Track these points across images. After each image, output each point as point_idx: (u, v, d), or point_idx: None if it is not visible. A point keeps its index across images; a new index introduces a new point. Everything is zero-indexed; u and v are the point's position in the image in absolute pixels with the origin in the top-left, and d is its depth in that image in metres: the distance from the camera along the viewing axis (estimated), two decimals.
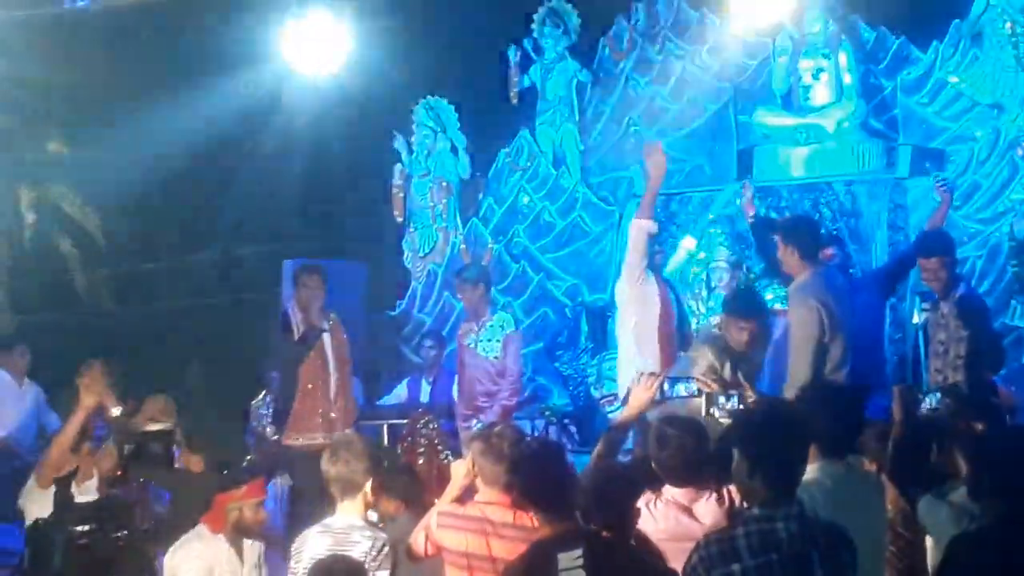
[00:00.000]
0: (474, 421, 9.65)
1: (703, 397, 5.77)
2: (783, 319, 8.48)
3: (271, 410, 10.88)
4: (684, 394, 5.88)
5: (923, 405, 5.93)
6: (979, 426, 5.34)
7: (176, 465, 7.38)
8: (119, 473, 6.03)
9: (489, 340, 9.86)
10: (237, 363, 12.45)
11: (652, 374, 6.03)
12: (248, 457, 10.46)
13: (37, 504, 6.77)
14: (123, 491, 6.64)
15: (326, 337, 9.44)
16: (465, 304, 10.20)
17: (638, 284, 8.61)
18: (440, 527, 5.50)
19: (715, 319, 9.57)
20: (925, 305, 10.11)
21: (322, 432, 9.23)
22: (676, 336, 8.84)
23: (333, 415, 9.40)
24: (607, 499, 4.84)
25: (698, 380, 5.91)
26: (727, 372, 7.60)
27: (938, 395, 6.05)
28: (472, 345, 9.89)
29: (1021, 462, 4.33)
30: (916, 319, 10.07)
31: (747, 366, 7.70)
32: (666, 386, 5.81)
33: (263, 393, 10.95)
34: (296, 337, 9.40)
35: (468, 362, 9.92)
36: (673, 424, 5.58)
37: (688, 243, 11.19)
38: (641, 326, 8.62)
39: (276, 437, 10.69)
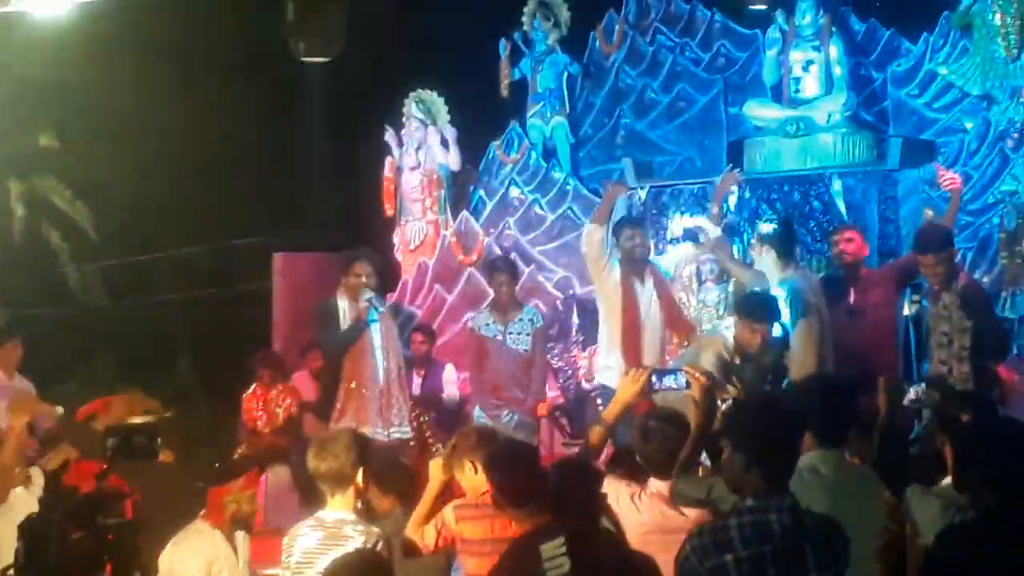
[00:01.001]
0: (504, 412, 9.68)
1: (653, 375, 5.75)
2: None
3: (261, 403, 10.90)
4: (673, 387, 5.86)
5: (908, 396, 5.94)
6: (964, 417, 5.35)
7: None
8: (104, 467, 6.01)
9: (519, 333, 9.80)
10: (228, 355, 12.46)
11: (641, 367, 6.03)
12: (239, 449, 10.49)
13: None
14: (112, 484, 6.62)
15: (374, 328, 9.21)
16: (497, 295, 10.09)
17: (600, 279, 9.11)
18: (460, 520, 5.53)
19: (726, 320, 9.62)
20: (915, 297, 10.13)
21: (371, 428, 8.96)
22: (645, 328, 8.95)
23: (385, 408, 9.14)
24: (571, 490, 4.87)
25: (686, 371, 5.89)
26: (734, 368, 7.66)
27: (923, 386, 6.05)
28: (497, 336, 9.80)
29: (1007, 454, 4.32)
30: (907, 311, 10.09)
31: (754, 368, 7.71)
32: (654, 379, 5.80)
33: (253, 386, 10.95)
34: (340, 328, 9.15)
35: (494, 353, 9.82)
36: (656, 417, 5.59)
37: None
38: (607, 319, 8.96)
39: (267, 430, 10.72)
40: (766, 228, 8.80)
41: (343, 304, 9.20)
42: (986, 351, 7.97)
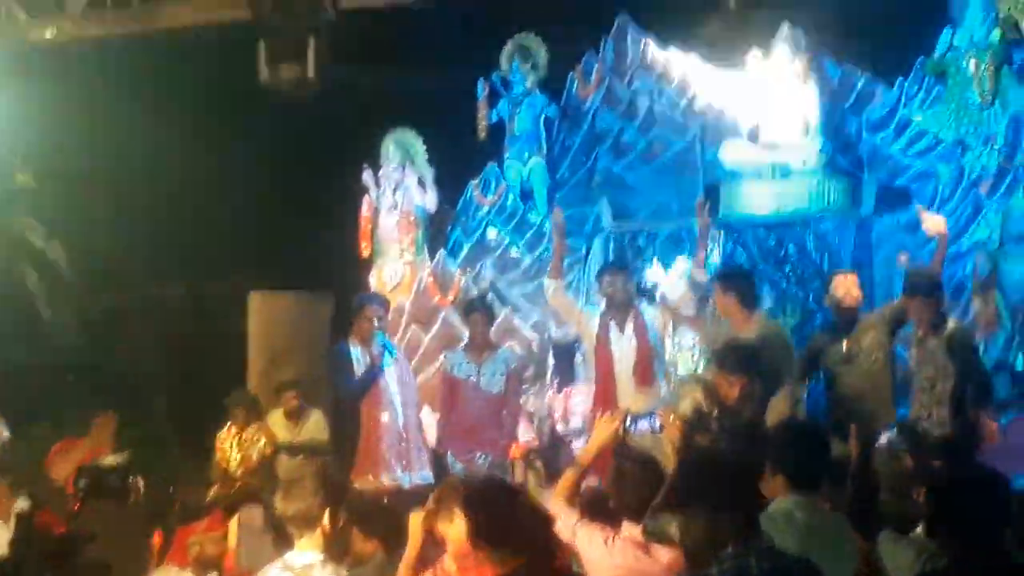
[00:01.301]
0: (477, 454, 9.63)
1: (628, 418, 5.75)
2: None
3: (235, 444, 10.83)
4: (646, 430, 5.86)
5: (880, 442, 5.94)
6: (936, 463, 5.36)
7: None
8: (76, 508, 5.99)
9: (493, 375, 9.78)
10: (203, 395, 12.40)
11: (615, 410, 6.03)
12: (212, 490, 10.42)
13: None
14: (81, 526, 6.59)
15: (388, 373, 9.11)
16: (472, 336, 10.04)
17: (580, 328, 9.35)
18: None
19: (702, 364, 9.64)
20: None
21: (392, 474, 8.88)
22: (619, 376, 8.97)
23: (405, 453, 9.01)
24: (527, 530, 4.86)
25: (660, 416, 5.89)
26: (712, 417, 7.59)
27: (895, 432, 6.06)
28: (471, 377, 9.77)
29: (978, 501, 4.33)
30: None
31: (733, 420, 7.48)
32: (629, 422, 5.80)
33: (228, 425, 10.90)
34: (355, 374, 9.03)
35: (467, 396, 9.77)
36: (630, 460, 5.58)
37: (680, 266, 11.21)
38: (587, 363, 8.99)
39: (240, 471, 10.65)
40: (727, 276, 8.77)
41: (355, 350, 9.07)
42: (969, 397, 7.97)
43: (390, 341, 9.10)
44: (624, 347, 9.06)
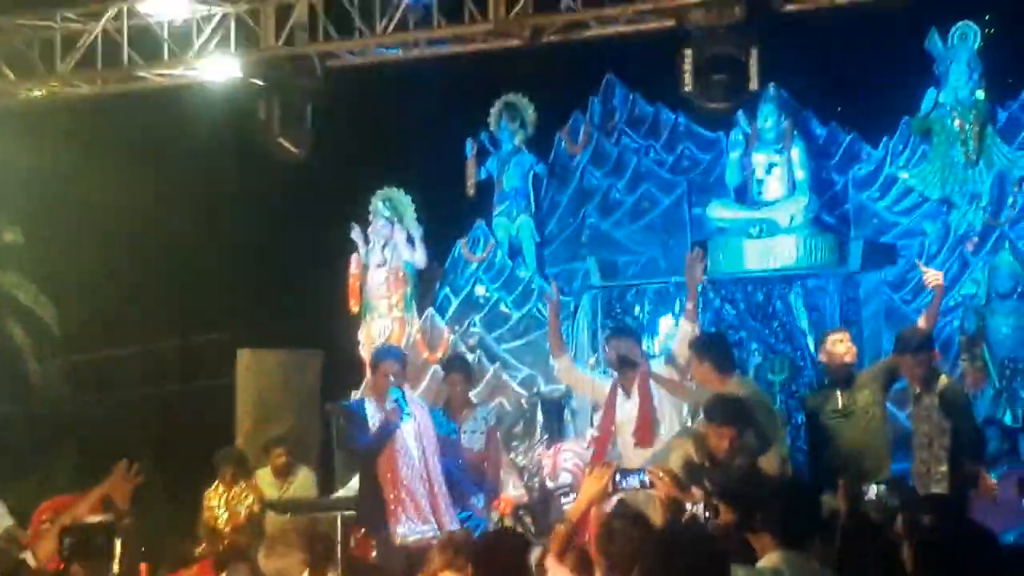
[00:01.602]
0: (457, 510, 9.58)
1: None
2: None
3: (223, 501, 10.80)
4: (635, 486, 5.87)
5: (868, 497, 5.95)
6: (926, 519, 5.37)
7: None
8: (61, 567, 5.97)
9: (474, 432, 9.77)
10: (191, 452, 12.37)
11: (605, 465, 6.03)
12: (199, 547, 10.39)
13: None
14: None
15: (405, 428, 8.88)
16: (452, 395, 10.01)
17: (594, 396, 9.46)
18: None
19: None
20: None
21: (427, 526, 8.72)
22: (616, 437, 8.98)
23: (436, 508, 8.81)
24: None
25: (650, 473, 5.90)
26: (704, 472, 7.56)
27: (883, 487, 6.07)
28: (450, 435, 9.69)
29: (964, 558, 4.31)
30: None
31: (721, 474, 7.35)
32: (619, 478, 5.80)
33: (216, 483, 10.88)
34: (368, 431, 8.85)
35: (448, 453, 9.60)
36: (621, 516, 5.58)
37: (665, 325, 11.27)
38: (576, 419, 8.99)
39: (228, 528, 10.61)
40: (701, 343, 8.71)
41: (370, 406, 8.95)
42: (964, 452, 7.97)
43: (404, 396, 8.94)
44: (627, 410, 9.05)
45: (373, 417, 8.90)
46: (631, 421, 8.96)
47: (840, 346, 8.93)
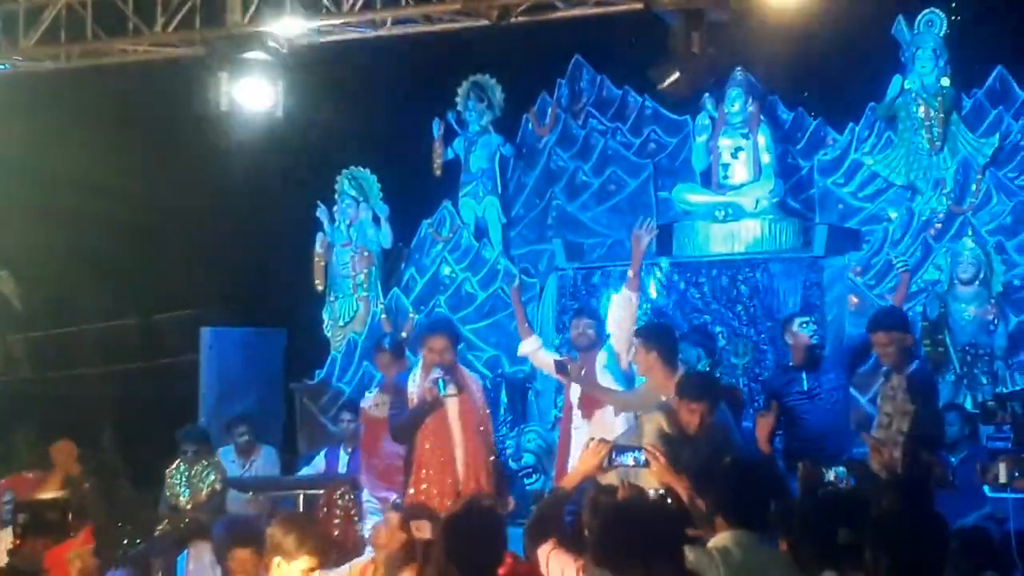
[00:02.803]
0: (393, 495, 9.47)
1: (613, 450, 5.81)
2: None
3: (185, 478, 10.76)
4: (631, 463, 5.92)
5: (827, 479, 5.97)
6: (883, 502, 5.39)
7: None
8: (16, 543, 5.97)
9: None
10: (153, 429, 12.34)
11: (602, 440, 6.06)
12: (160, 526, 10.36)
13: None
14: (23, 561, 6.56)
15: (451, 405, 8.53)
16: (385, 374, 9.92)
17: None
18: None
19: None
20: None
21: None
22: (573, 412, 8.98)
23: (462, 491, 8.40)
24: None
25: (646, 450, 5.94)
26: (673, 446, 7.55)
27: (842, 469, 6.10)
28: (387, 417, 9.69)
29: (918, 544, 4.31)
30: None
31: (690, 451, 7.33)
32: (614, 454, 5.86)
33: (178, 461, 10.84)
34: (406, 407, 8.60)
35: (386, 435, 9.72)
36: (608, 493, 5.64)
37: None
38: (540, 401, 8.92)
39: (189, 506, 10.59)
40: (650, 331, 8.65)
41: (412, 382, 8.63)
42: (922, 439, 7.94)
43: (447, 376, 8.60)
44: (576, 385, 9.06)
45: (412, 393, 8.63)
46: (576, 392, 8.98)
47: (806, 328, 8.98)
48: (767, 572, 5.10)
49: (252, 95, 10.66)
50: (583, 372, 9.00)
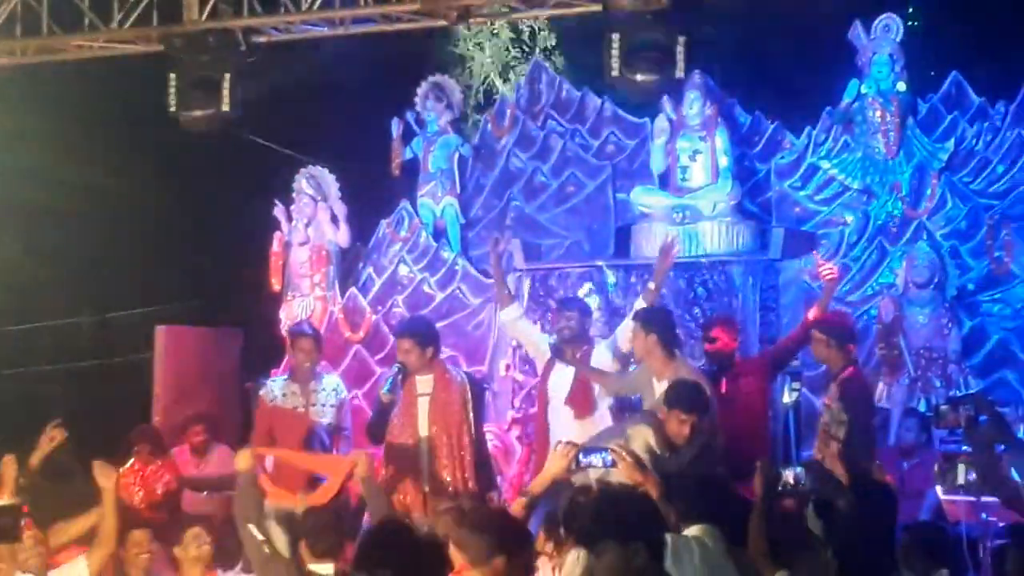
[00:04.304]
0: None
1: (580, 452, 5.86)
2: None
3: (140, 478, 10.70)
4: (598, 464, 5.96)
5: (784, 479, 6.01)
6: (841, 503, 5.43)
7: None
8: None
9: (323, 405, 9.59)
10: (106, 428, 12.25)
11: (569, 443, 6.10)
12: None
13: None
14: None
15: (421, 404, 8.68)
16: (299, 363, 9.79)
17: (536, 351, 9.51)
18: None
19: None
20: (795, 385, 10.32)
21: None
22: (551, 407, 8.99)
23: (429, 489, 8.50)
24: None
25: (613, 451, 5.98)
26: (661, 460, 7.54)
27: (800, 470, 6.14)
28: (298, 408, 9.53)
29: (869, 544, 4.31)
30: (787, 398, 10.27)
31: (677, 462, 7.31)
32: (582, 455, 5.90)
33: (132, 460, 10.77)
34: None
35: (297, 426, 9.45)
36: (585, 493, 5.68)
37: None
38: (497, 402, 8.95)
39: (143, 505, 10.52)
40: (649, 316, 8.67)
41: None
42: (854, 449, 7.85)
43: (397, 374, 8.71)
44: (563, 375, 9.04)
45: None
46: (565, 386, 8.93)
47: (723, 335, 9.07)
48: (737, 563, 5.17)
49: (209, 93, 10.61)
50: (578, 356, 9.04)
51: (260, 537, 6.15)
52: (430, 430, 8.66)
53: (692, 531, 5.12)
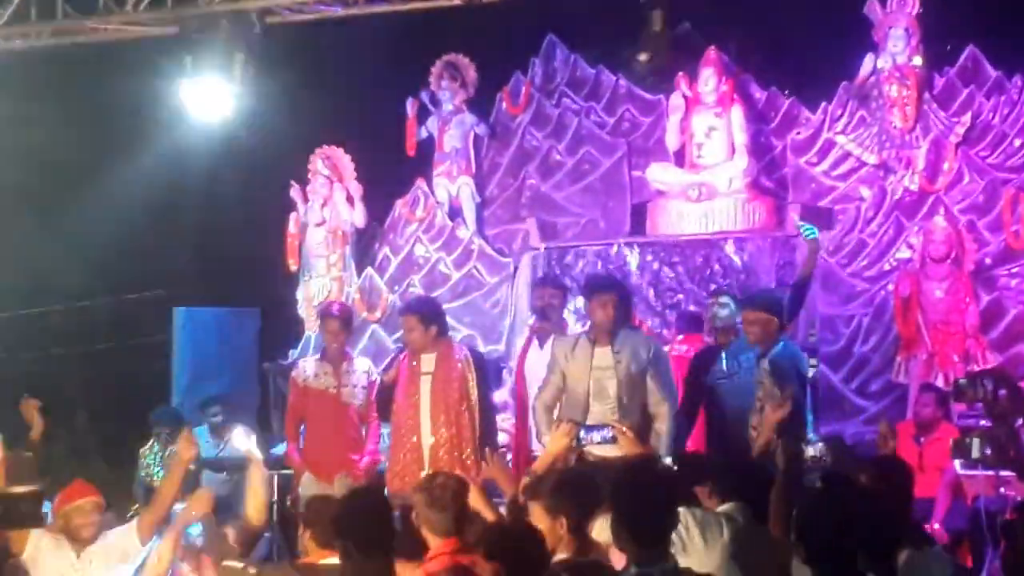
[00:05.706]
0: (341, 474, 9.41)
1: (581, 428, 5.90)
2: None
3: (159, 459, 10.75)
4: (599, 441, 5.99)
5: (808, 454, 6.02)
6: (863, 477, 5.42)
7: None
8: None
9: (355, 386, 9.60)
10: (126, 410, 12.31)
11: (570, 420, 6.12)
12: (135, 506, 10.33)
13: None
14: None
15: (424, 383, 8.76)
16: (329, 346, 9.77)
17: None
18: None
19: None
20: (812, 361, 10.30)
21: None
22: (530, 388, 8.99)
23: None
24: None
25: (614, 427, 6.01)
26: None
27: (821, 445, 6.14)
28: (330, 390, 9.56)
29: (843, 526, 4.24)
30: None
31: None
32: (582, 433, 5.93)
33: (151, 441, 10.82)
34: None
35: (328, 407, 9.52)
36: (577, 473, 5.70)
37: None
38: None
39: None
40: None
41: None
42: (786, 428, 7.50)
43: (399, 355, 8.95)
44: (539, 358, 9.00)
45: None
46: (542, 368, 8.91)
47: (723, 310, 9.04)
48: (767, 540, 5.20)
49: (224, 75, 10.63)
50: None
51: (239, 566, 6.18)
52: (431, 409, 8.74)
53: (724, 508, 5.14)
